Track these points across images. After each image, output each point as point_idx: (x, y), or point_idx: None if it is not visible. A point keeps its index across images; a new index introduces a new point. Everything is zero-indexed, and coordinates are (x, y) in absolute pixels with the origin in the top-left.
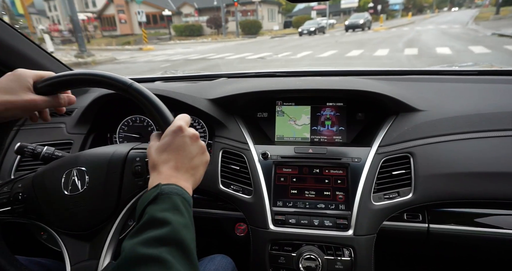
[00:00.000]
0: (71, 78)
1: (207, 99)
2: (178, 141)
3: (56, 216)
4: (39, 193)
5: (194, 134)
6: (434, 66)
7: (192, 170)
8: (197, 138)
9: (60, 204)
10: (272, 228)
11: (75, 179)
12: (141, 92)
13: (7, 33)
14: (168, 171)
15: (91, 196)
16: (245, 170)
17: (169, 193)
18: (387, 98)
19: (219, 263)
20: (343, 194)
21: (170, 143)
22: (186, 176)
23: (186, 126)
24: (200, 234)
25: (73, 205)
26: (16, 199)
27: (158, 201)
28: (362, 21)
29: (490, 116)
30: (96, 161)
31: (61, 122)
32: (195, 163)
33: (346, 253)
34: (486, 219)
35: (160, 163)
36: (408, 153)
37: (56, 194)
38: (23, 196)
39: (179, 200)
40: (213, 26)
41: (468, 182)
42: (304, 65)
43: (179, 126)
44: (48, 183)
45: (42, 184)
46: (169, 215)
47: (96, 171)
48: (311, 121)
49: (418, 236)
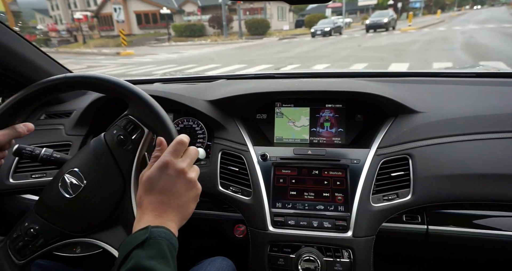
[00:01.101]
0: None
1: (206, 100)
2: (164, 180)
3: (75, 223)
4: (47, 216)
5: (181, 169)
6: (433, 69)
7: (179, 208)
8: (184, 173)
9: (71, 209)
10: (271, 229)
11: (71, 180)
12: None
13: (5, 35)
14: (154, 212)
15: (95, 185)
16: (244, 171)
17: (157, 237)
18: (386, 100)
19: (220, 266)
20: (342, 195)
21: (155, 181)
22: (172, 215)
23: (174, 160)
24: (199, 235)
25: (83, 202)
26: (31, 235)
27: (145, 246)
28: (386, 20)
29: (488, 118)
30: (81, 157)
31: (60, 124)
32: (183, 200)
33: (345, 255)
34: (484, 220)
35: (146, 203)
36: (407, 154)
37: (61, 203)
38: (35, 229)
39: (166, 246)
40: (216, 25)
41: (467, 183)
42: None
43: (165, 163)
44: (49, 201)
45: (44, 207)
46: (156, 264)
47: (86, 163)
48: (310, 122)
49: (417, 238)
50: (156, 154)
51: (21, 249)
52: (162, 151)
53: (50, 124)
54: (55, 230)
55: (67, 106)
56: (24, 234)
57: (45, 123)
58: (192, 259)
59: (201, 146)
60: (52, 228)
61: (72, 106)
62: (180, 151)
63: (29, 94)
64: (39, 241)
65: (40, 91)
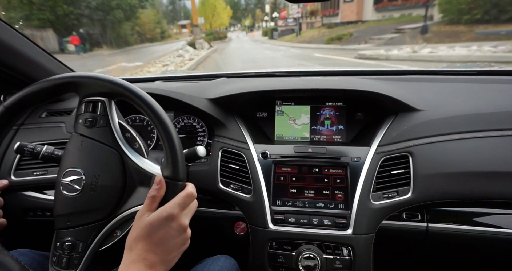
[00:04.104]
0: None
1: (207, 99)
2: (165, 231)
3: (97, 212)
4: (71, 223)
5: (184, 226)
6: (433, 67)
7: (169, 262)
8: (185, 230)
9: (86, 202)
10: (272, 227)
11: (70, 179)
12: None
13: (7, 34)
14: (146, 261)
15: (94, 169)
16: (245, 169)
17: None
18: (386, 98)
19: (223, 264)
20: (342, 193)
21: (157, 229)
22: (160, 267)
23: (180, 214)
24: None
25: (92, 189)
26: (69, 248)
27: None
28: None
29: (488, 116)
30: (65, 157)
31: (61, 121)
32: (174, 255)
33: (345, 252)
34: (484, 218)
35: (140, 249)
36: (407, 152)
37: (75, 204)
38: (69, 240)
39: None
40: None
41: (467, 181)
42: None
43: (171, 215)
44: (63, 210)
45: (62, 218)
46: None
47: (73, 158)
48: (310, 120)
49: (417, 235)
50: (153, 194)
51: (68, 264)
52: (160, 191)
53: (51, 122)
54: (86, 229)
55: (68, 104)
56: (62, 250)
57: (46, 121)
58: (192, 257)
59: (202, 143)
60: (82, 229)
61: (73, 104)
62: (187, 204)
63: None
64: (79, 247)
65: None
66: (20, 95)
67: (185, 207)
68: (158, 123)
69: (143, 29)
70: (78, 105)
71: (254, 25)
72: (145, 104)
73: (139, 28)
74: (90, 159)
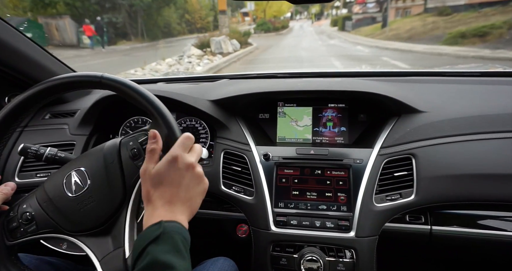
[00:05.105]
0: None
1: (209, 100)
2: (173, 173)
3: (69, 222)
4: (46, 206)
5: (190, 164)
6: (437, 68)
7: (188, 202)
8: (193, 167)
9: (69, 208)
10: (274, 229)
11: (76, 179)
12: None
13: (11, 35)
14: (165, 206)
15: (97, 191)
16: (247, 171)
17: (170, 233)
18: (389, 100)
19: (222, 266)
20: (345, 195)
21: (165, 174)
22: (182, 208)
23: (183, 154)
24: (201, 235)
25: (82, 205)
26: (26, 219)
27: (160, 241)
28: None
29: (492, 118)
30: (91, 158)
31: (64, 123)
32: (191, 194)
33: (348, 255)
34: (489, 221)
35: (156, 197)
36: (410, 154)
37: (61, 200)
38: (31, 214)
39: (180, 240)
40: None
41: (471, 183)
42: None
43: (175, 157)
44: (52, 193)
45: (46, 197)
46: (173, 258)
47: (94, 166)
48: (312, 122)
49: (420, 238)
50: (152, 147)
51: (13, 230)
52: (157, 143)
53: (54, 124)
54: (49, 222)
55: (71, 106)
56: (20, 216)
57: (50, 123)
58: (194, 259)
59: (204, 145)
60: (47, 219)
61: (76, 106)
62: (188, 146)
63: (55, 85)
64: (31, 227)
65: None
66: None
67: (187, 148)
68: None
69: (194, 17)
70: (142, 131)
71: (322, 12)
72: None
73: (189, 16)
74: (103, 181)
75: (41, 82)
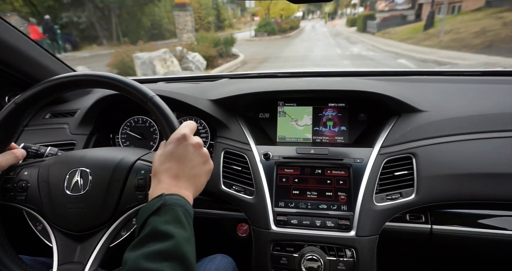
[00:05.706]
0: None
1: (209, 100)
2: (181, 149)
3: (53, 212)
4: (42, 186)
5: (198, 142)
6: (437, 67)
7: (193, 178)
8: (200, 146)
9: (60, 202)
10: (274, 228)
11: (78, 180)
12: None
13: (11, 35)
14: (169, 180)
15: (90, 200)
16: (247, 170)
17: (172, 204)
18: (389, 99)
19: (220, 263)
20: (345, 194)
21: (172, 151)
22: (187, 184)
23: (190, 134)
24: (202, 234)
25: (72, 205)
26: (20, 187)
27: (161, 212)
28: None
29: (493, 117)
30: (102, 165)
31: (65, 123)
32: (196, 171)
33: (348, 254)
34: (489, 220)
35: (162, 172)
36: (411, 153)
37: (57, 191)
38: (27, 185)
39: (181, 212)
40: None
41: (471, 182)
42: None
43: (183, 135)
44: (52, 178)
45: (46, 178)
46: (172, 228)
47: (100, 175)
48: (313, 122)
49: (421, 237)
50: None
51: (6, 191)
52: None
53: (54, 123)
54: (38, 202)
55: (72, 105)
56: (17, 181)
57: (50, 123)
58: None
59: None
60: (37, 198)
61: (76, 105)
62: (193, 130)
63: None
64: (21, 196)
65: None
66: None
67: (193, 130)
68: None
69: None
70: None
71: (336, 12)
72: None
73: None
74: (100, 194)
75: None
